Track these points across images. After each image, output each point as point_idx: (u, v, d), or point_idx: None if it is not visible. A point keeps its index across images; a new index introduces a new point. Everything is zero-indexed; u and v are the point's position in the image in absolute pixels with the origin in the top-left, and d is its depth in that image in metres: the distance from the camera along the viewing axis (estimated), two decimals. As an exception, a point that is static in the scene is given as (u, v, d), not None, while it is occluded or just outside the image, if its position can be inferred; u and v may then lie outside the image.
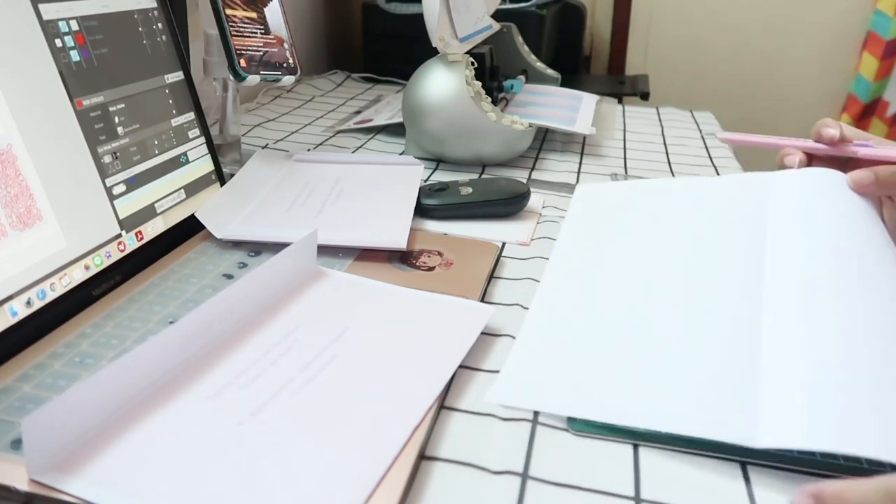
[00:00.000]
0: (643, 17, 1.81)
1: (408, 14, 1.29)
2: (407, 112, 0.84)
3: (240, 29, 0.67)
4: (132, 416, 0.36)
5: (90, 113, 0.50)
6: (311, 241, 0.52)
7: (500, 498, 0.35)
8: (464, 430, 0.39)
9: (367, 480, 0.33)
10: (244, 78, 0.66)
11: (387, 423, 0.38)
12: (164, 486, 0.33)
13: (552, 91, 1.10)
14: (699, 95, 1.77)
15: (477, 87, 0.82)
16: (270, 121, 1.04)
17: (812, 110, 1.79)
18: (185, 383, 0.39)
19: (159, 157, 0.57)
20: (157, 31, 0.59)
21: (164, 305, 0.48)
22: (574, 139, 0.98)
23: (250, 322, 0.46)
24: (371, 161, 0.77)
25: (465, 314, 0.48)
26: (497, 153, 0.84)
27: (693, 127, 1.12)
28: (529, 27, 1.23)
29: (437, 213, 0.67)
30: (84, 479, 0.32)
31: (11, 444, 0.35)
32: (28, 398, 0.38)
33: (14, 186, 0.43)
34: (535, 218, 0.70)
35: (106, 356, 0.42)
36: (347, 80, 1.36)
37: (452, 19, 0.84)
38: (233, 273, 0.53)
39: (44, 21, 0.48)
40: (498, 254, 0.60)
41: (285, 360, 0.42)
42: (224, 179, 0.65)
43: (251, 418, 0.37)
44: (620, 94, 1.38)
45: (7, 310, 0.42)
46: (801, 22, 1.75)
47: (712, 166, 0.92)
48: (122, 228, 0.52)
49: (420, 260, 0.57)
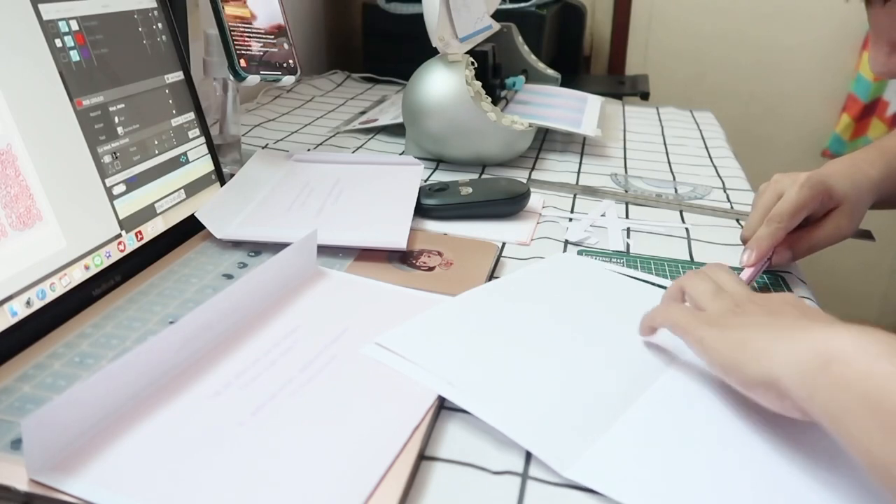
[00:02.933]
0: (643, 17, 1.81)
1: (408, 14, 1.29)
2: (407, 112, 0.84)
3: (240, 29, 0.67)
4: (132, 416, 0.36)
5: (90, 113, 0.50)
6: (311, 241, 0.52)
7: (501, 498, 0.35)
8: (464, 430, 0.39)
9: (367, 480, 0.33)
10: (244, 78, 0.66)
11: (387, 423, 0.38)
12: (164, 487, 0.33)
13: (556, 92, 1.10)
14: (699, 95, 1.77)
15: (477, 86, 0.82)
16: (270, 121, 1.04)
17: (812, 110, 1.79)
18: (185, 383, 0.39)
19: (159, 157, 0.57)
20: (157, 31, 0.59)
21: (164, 305, 0.48)
22: (574, 139, 0.98)
23: (250, 322, 0.46)
24: (371, 161, 0.77)
25: (465, 314, 0.48)
26: (497, 153, 0.84)
27: (693, 127, 1.12)
28: (529, 27, 1.23)
29: (437, 213, 0.67)
30: (84, 479, 0.32)
31: (11, 444, 0.35)
32: (28, 398, 0.38)
33: (14, 186, 0.43)
34: (535, 218, 0.70)
35: (106, 356, 0.42)
36: (347, 80, 1.36)
37: (452, 19, 0.84)
38: (233, 273, 0.53)
39: (44, 21, 0.48)
40: (498, 254, 0.60)
41: (285, 360, 0.42)
42: (224, 179, 0.65)
43: (251, 418, 0.37)
44: (620, 94, 1.38)
45: (7, 310, 0.42)
46: (801, 22, 1.75)
47: (712, 166, 0.92)
48: (122, 228, 0.52)
49: (420, 260, 0.57)
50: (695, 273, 0.48)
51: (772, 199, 0.58)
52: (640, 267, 0.60)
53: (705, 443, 0.38)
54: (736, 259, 0.58)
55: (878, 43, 0.50)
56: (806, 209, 0.56)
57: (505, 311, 0.50)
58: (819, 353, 0.33)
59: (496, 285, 0.53)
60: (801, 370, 0.33)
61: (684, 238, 0.67)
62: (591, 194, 0.78)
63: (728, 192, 0.82)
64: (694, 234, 0.68)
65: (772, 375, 0.35)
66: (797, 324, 0.38)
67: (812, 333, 0.35)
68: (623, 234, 0.67)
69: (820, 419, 0.33)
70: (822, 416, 0.33)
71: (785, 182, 0.58)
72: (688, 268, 0.60)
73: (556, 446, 0.37)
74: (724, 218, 0.73)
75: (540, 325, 0.49)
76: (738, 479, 0.36)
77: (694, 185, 0.83)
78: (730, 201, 0.78)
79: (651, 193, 0.79)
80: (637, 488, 0.35)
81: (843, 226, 0.58)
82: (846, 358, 0.32)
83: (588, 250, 0.63)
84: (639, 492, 0.35)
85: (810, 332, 0.35)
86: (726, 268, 0.49)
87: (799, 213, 0.56)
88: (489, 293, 0.52)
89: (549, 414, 0.40)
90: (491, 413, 0.39)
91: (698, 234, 0.68)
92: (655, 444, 0.38)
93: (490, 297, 0.51)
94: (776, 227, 0.56)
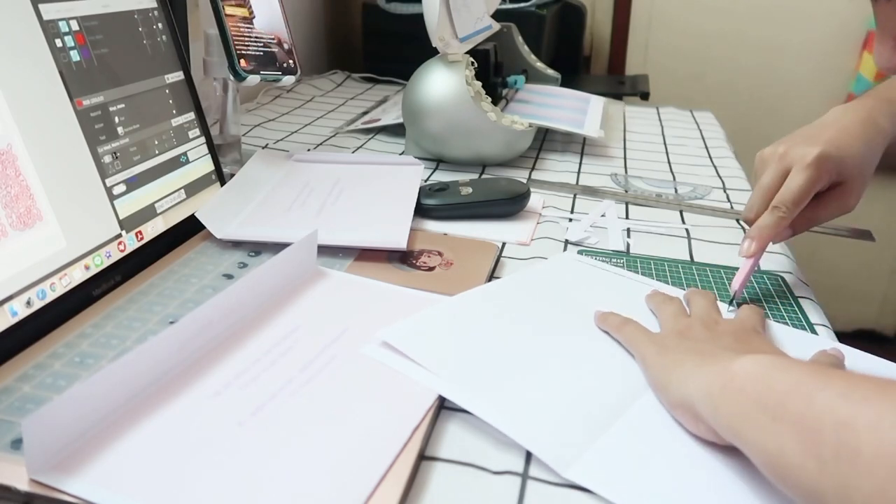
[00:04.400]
0: (643, 17, 1.81)
1: (408, 14, 1.29)
2: (407, 112, 0.84)
3: (240, 29, 0.66)
4: (132, 417, 0.36)
5: (90, 113, 0.50)
6: (311, 241, 0.52)
7: (501, 498, 0.35)
8: (464, 430, 0.39)
9: (367, 480, 0.33)
10: (244, 78, 0.66)
11: (387, 423, 0.38)
12: (164, 486, 0.33)
13: (556, 92, 1.10)
14: (699, 95, 1.77)
15: (477, 86, 0.82)
16: (270, 121, 1.04)
17: (812, 110, 1.78)
18: (185, 383, 0.39)
19: (159, 157, 0.57)
20: (157, 31, 0.59)
21: (164, 305, 0.48)
22: (574, 139, 0.98)
23: (250, 322, 0.46)
24: (371, 161, 0.77)
25: (465, 314, 0.48)
26: (497, 153, 0.84)
27: (693, 127, 1.12)
28: (529, 27, 1.23)
29: (437, 213, 0.67)
30: (84, 479, 0.32)
31: (11, 444, 0.35)
32: (28, 398, 0.38)
33: (14, 186, 0.43)
34: (535, 218, 0.70)
35: (106, 356, 0.42)
36: (347, 80, 1.36)
37: (452, 19, 0.84)
38: (233, 273, 0.53)
39: (44, 21, 0.48)
40: (498, 254, 0.60)
41: (285, 360, 0.42)
42: (224, 179, 0.65)
43: (251, 418, 0.37)
44: (620, 94, 1.38)
45: (7, 310, 0.42)
46: (801, 22, 1.75)
47: (712, 166, 0.92)
48: (122, 228, 0.52)
49: (420, 260, 0.57)
50: (670, 297, 0.51)
51: (775, 178, 0.55)
52: (640, 267, 0.60)
53: (705, 444, 0.38)
54: (736, 259, 0.58)
55: (883, 38, 0.49)
56: (813, 192, 0.54)
57: (505, 311, 0.50)
58: (721, 374, 0.36)
59: (496, 285, 0.53)
60: (708, 392, 0.36)
61: (684, 238, 0.67)
62: (591, 194, 0.78)
63: (728, 192, 0.82)
64: (694, 234, 0.68)
65: (688, 399, 0.38)
66: (721, 353, 0.40)
67: (723, 361, 0.37)
68: (623, 234, 0.67)
69: (725, 433, 0.35)
70: (727, 429, 0.35)
71: (792, 157, 0.55)
72: (688, 268, 0.60)
73: (557, 446, 0.37)
74: (724, 218, 0.73)
75: (540, 325, 0.49)
76: (738, 479, 0.36)
77: (694, 185, 0.83)
78: (730, 201, 0.78)
79: (651, 193, 0.79)
80: (637, 489, 0.35)
81: (850, 200, 0.56)
82: (743, 373, 0.35)
83: (588, 250, 0.63)
84: (638, 492, 0.35)
85: (722, 359, 0.37)
86: (708, 294, 0.51)
87: (806, 199, 0.54)
88: (489, 293, 0.52)
89: (549, 414, 0.40)
90: (491, 413, 0.39)
91: (698, 234, 0.68)
92: (656, 445, 0.38)
93: (490, 297, 0.51)
94: (780, 216, 0.54)
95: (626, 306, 0.50)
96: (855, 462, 0.27)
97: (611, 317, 0.48)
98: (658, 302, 0.51)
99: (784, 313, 0.53)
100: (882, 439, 0.27)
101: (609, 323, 0.48)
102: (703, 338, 0.44)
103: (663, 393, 0.41)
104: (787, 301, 0.55)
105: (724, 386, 0.35)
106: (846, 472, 0.27)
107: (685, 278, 0.58)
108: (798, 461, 0.30)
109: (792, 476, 0.30)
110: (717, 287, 0.57)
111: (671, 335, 0.45)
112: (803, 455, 0.29)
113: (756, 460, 0.33)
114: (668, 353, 0.42)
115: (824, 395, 0.30)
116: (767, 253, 0.59)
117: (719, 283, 0.58)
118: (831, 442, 0.28)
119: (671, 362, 0.41)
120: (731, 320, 0.48)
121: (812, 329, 0.51)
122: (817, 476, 0.29)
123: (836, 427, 0.28)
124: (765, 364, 0.34)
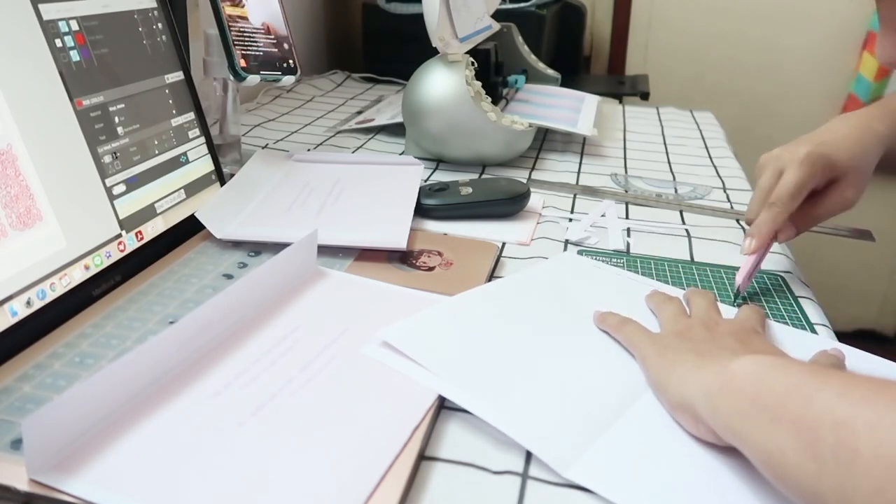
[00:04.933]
0: (643, 17, 1.81)
1: (408, 14, 1.29)
2: (407, 112, 0.84)
3: (240, 29, 0.66)
4: (132, 417, 0.36)
5: (90, 113, 0.50)
6: (311, 241, 0.52)
7: (501, 498, 0.35)
8: (464, 430, 0.39)
9: (367, 480, 0.33)
10: (244, 78, 0.66)
11: (387, 423, 0.38)
12: (164, 486, 0.33)
13: (554, 91, 1.10)
14: (699, 95, 1.77)
15: (477, 86, 0.82)
16: (270, 121, 1.04)
17: (812, 110, 1.79)
18: (185, 383, 0.39)
19: (159, 157, 0.57)
20: (157, 31, 0.59)
21: (164, 305, 0.48)
22: (574, 139, 0.98)
23: (250, 322, 0.46)
24: (371, 161, 0.77)
25: (465, 314, 0.48)
26: (497, 153, 0.84)
27: (693, 127, 1.12)
28: (529, 27, 1.23)
29: (437, 213, 0.67)
30: (84, 479, 0.32)
31: (11, 444, 0.35)
32: (28, 398, 0.38)
33: (14, 186, 0.43)
34: (535, 218, 0.70)
35: (106, 356, 0.42)
36: (347, 80, 1.36)
37: (452, 19, 0.84)
38: (233, 273, 0.53)
39: (44, 21, 0.48)
40: (498, 254, 0.60)
41: (285, 360, 0.42)
42: (224, 179, 0.65)
43: (251, 418, 0.37)
44: (620, 94, 1.38)
45: (7, 310, 0.42)
46: (801, 22, 1.75)
47: (712, 166, 0.92)
48: (122, 228, 0.52)
49: (420, 260, 0.57)
50: (669, 297, 0.51)
51: (772, 179, 0.57)
52: (641, 267, 0.60)
53: (705, 444, 0.38)
54: (736, 259, 0.58)
55: (886, 33, 0.50)
56: (807, 188, 0.56)
57: (505, 310, 0.50)
58: (720, 374, 0.36)
59: (496, 285, 0.53)
60: (708, 392, 0.36)
61: (684, 238, 0.67)
62: (591, 194, 0.78)
63: (728, 192, 0.82)
64: (694, 234, 0.68)
65: (688, 400, 0.38)
66: (721, 353, 0.40)
67: (723, 361, 0.37)
68: (623, 234, 0.67)
69: (725, 433, 0.35)
70: (726, 429, 0.35)
71: (785, 158, 0.57)
72: (688, 268, 0.60)
73: (557, 446, 0.37)
74: (724, 218, 0.73)
75: (540, 325, 0.49)
76: (738, 479, 0.36)
77: (694, 185, 0.83)
78: (730, 201, 0.78)
79: (651, 193, 0.79)
80: (637, 489, 0.35)
81: (848, 195, 0.57)
82: (742, 373, 0.35)
83: (588, 250, 0.63)
84: (638, 492, 0.35)
85: (722, 360, 0.37)
86: (708, 294, 0.51)
87: (800, 194, 0.55)
88: (489, 293, 0.52)
89: (549, 414, 0.40)
90: (491, 413, 0.39)
91: (698, 233, 0.68)
92: (656, 445, 0.38)
93: (490, 297, 0.51)
94: (777, 211, 0.55)
95: (626, 306, 0.50)
96: (854, 462, 0.27)
97: (610, 317, 0.48)
98: (658, 302, 0.51)
99: (784, 313, 0.54)
100: (881, 439, 0.27)
101: (608, 323, 0.48)
102: (702, 338, 0.44)
103: (663, 393, 0.41)
104: (787, 301, 0.55)
105: (723, 386, 0.35)
106: (845, 472, 0.27)
107: (685, 278, 0.58)
108: (797, 461, 0.30)
109: (791, 476, 0.30)
110: (717, 287, 0.57)
111: (671, 335, 0.45)
112: (802, 455, 0.29)
113: (755, 460, 0.33)
114: (668, 354, 0.42)
115: (823, 395, 0.30)
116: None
117: (719, 283, 0.58)
118: (830, 442, 0.28)
119: (671, 362, 0.41)
120: (731, 320, 0.48)
121: (812, 329, 0.52)
122: (816, 476, 0.29)
123: (835, 427, 0.28)
124: (764, 364, 0.35)
